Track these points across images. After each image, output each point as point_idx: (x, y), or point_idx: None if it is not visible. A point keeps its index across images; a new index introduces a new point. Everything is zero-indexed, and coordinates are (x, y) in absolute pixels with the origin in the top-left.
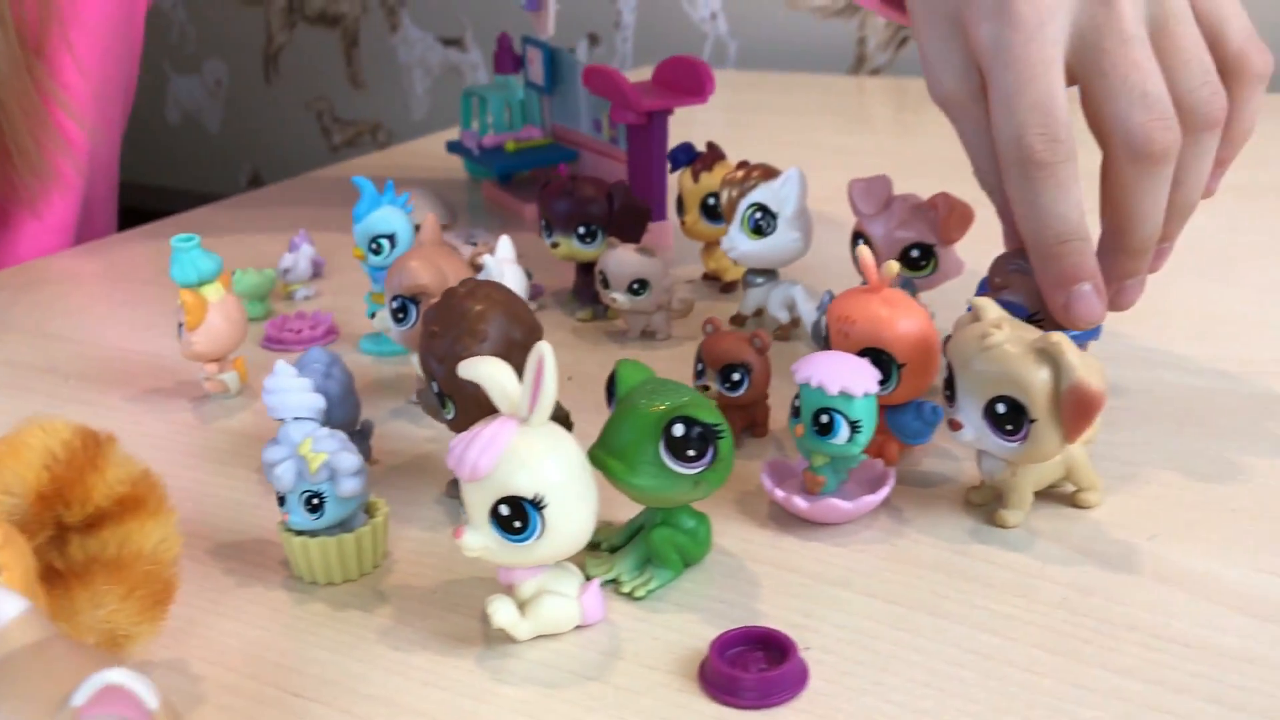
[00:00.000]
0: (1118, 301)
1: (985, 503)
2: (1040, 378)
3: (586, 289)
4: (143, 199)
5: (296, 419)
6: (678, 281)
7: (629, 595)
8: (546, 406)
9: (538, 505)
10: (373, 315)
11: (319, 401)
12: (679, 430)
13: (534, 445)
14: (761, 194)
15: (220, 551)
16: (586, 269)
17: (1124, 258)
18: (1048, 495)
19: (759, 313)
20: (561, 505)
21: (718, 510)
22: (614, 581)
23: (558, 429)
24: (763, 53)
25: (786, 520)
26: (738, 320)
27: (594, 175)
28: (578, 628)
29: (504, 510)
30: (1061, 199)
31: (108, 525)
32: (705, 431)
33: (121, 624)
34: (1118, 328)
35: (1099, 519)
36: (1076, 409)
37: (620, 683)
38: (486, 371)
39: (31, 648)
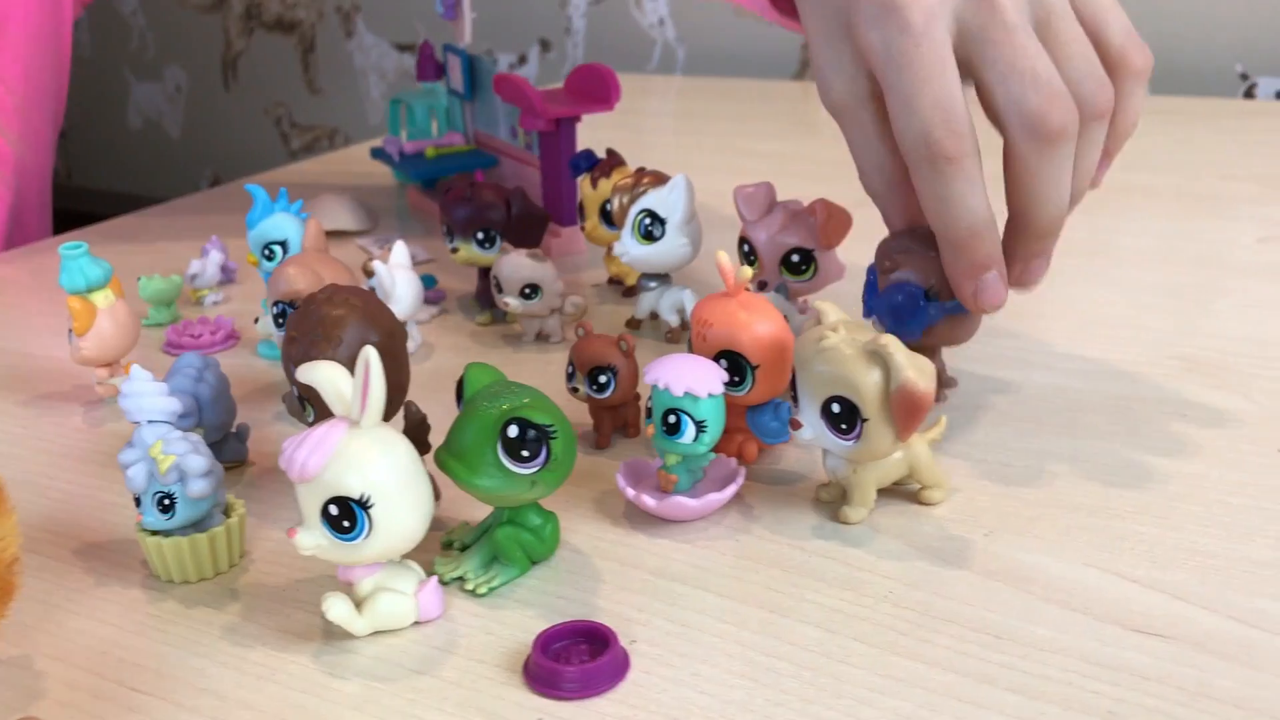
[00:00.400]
0: (1024, 280)
1: (833, 500)
2: (871, 378)
3: (487, 293)
4: (104, 205)
5: (151, 422)
6: (585, 286)
7: (472, 592)
8: (376, 409)
9: (364, 505)
10: (257, 320)
11: (174, 405)
12: (513, 431)
13: (362, 447)
14: (651, 200)
15: (85, 551)
16: (486, 274)
17: (1030, 239)
18: (897, 492)
19: (654, 316)
20: (389, 505)
21: (575, 508)
22: (461, 579)
23: (389, 431)
24: (710, 58)
25: (640, 518)
26: (632, 324)
27: (512, 182)
28: (416, 624)
29: (333, 510)
30: (970, 191)
31: None
32: (539, 433)
33: None
34: (996, 327)
35: (941, 515)
36: (905, 408)
37: (448, 677)
38: (321, 375)
39: None
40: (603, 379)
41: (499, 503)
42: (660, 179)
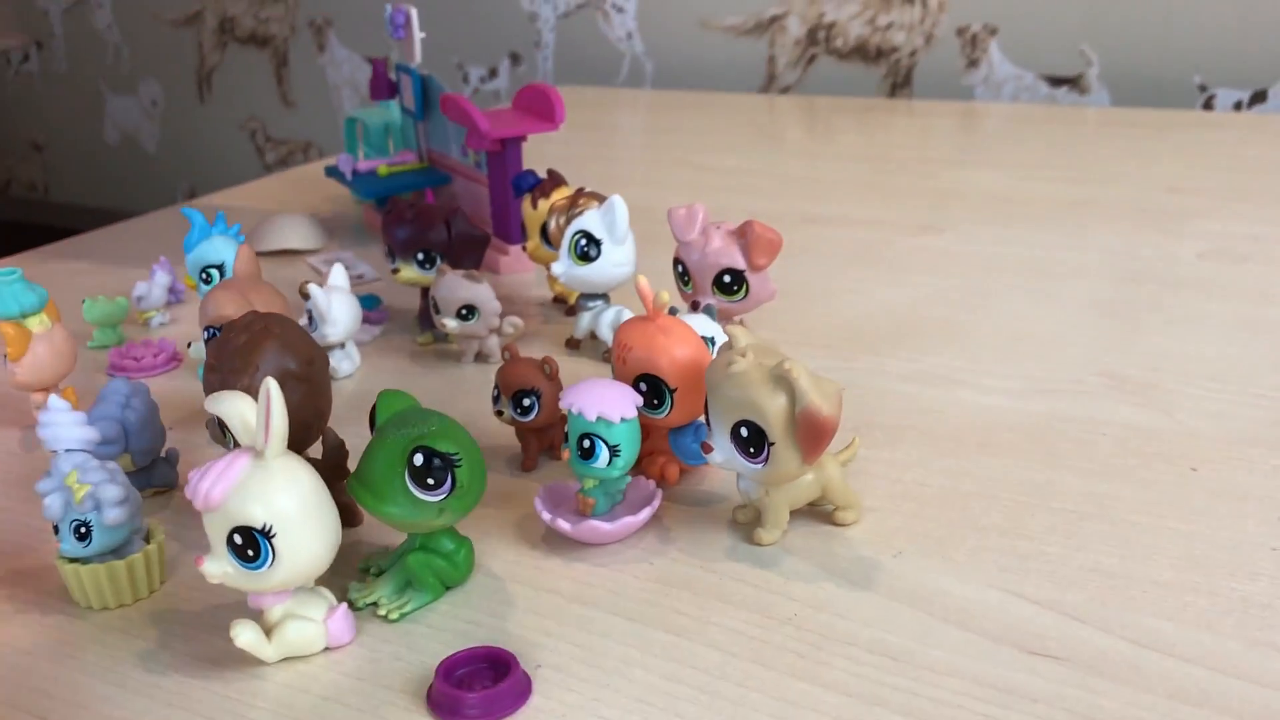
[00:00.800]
0: None
1: (749, 521)
2: (777, 403)
3: (428, 313)
4: (82, 220)
5: (68, 450)
6: (531, 305)
7: (384, 618)
8: (279, 439)
9: (267, 535)
10: (189, 345)
11: (91, 434)
12: (419, 460)
13: (265, 477)
14: (587, 221)
15: (8, 577)
16: (428, 294)
17: None
18: (812, 513)
19: (593, 336)
20: (292, 535)
21: (495, 532)
22: (374, 604)
23: (293, 460)
24: (678, 71)
25: (558, 542)
26: (571, 343)
27: (465, 199)
28: (327, 649)
29: (238, 539)
30: None
31: None
32: (444, 461)
33: None
34: (927, 346)
35: (854, 536)
36: (809, 432)
37: (355, 704)
38: (228, 407)
39: None
40: (526, 402)
41: (410, 529)
42: (597, 199)
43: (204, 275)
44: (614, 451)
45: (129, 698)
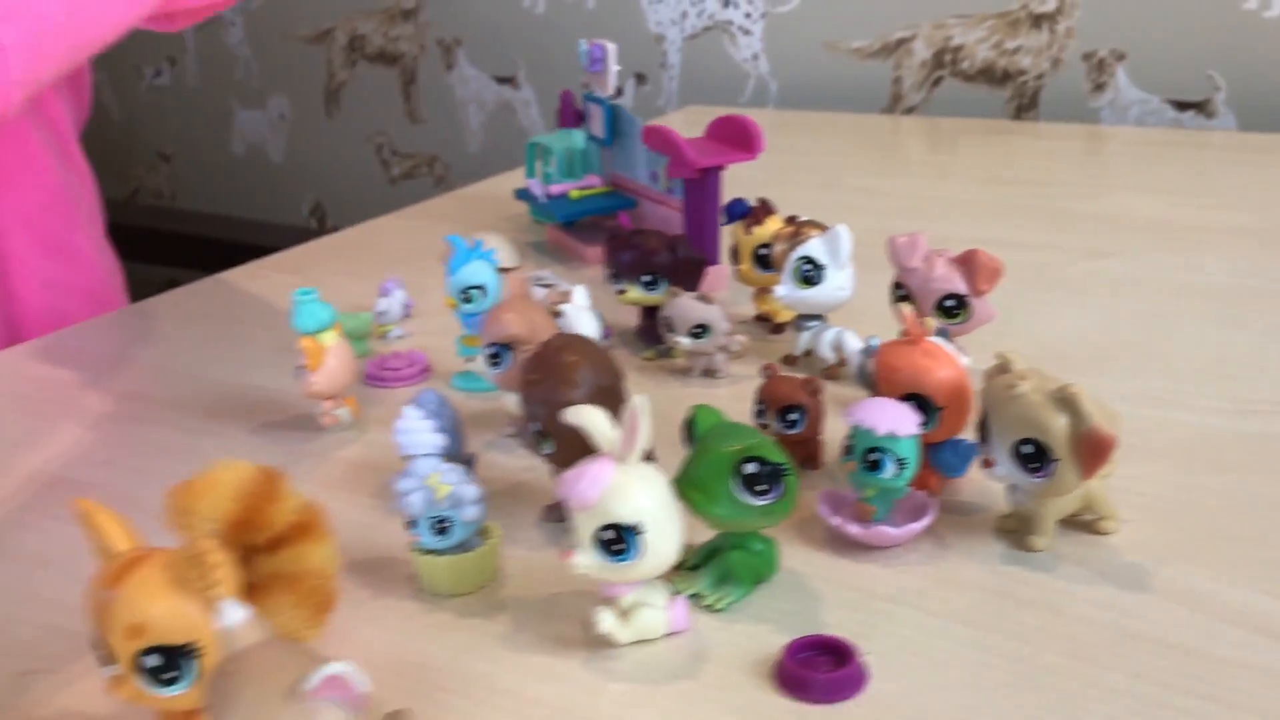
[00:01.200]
0: None
1: (1014, 530)
2: (1060, 423)
3: (650, 330)
4: (207, 227)
5: (425, 455)
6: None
7: (709, 608)
8: (638, 449)
9: (636, 531)
10: (469, 357)
11: (442, 440)
12: (751, 468)
13: (631, 480)
14: (810, 248)
15: (354, 568)
16: (650, 312)
17: None
18: (1071, 523)
19: (808, 353)
20: (656, 531)
21: (781, 534)
22: (696, 596)
23: (649, 466)
24: (802, 92)
25: (841, 544)
26: (789, 360)
27: (651, 221)
28: (668, 635)
29: (607, 535)
30: None
31: (284, 547)
32: (774, 470)
33: (292, 629)
34: (1127, 368)
35: (1116, 544)
36: (1092, 451)
37: (707, 680)
38: (587, 419)
39: (259, 645)
40: (792, 417)
41: (728, 529)
42: (818, 227)
43: (465, 296)
44: (900, 464)
45: (504, 673)
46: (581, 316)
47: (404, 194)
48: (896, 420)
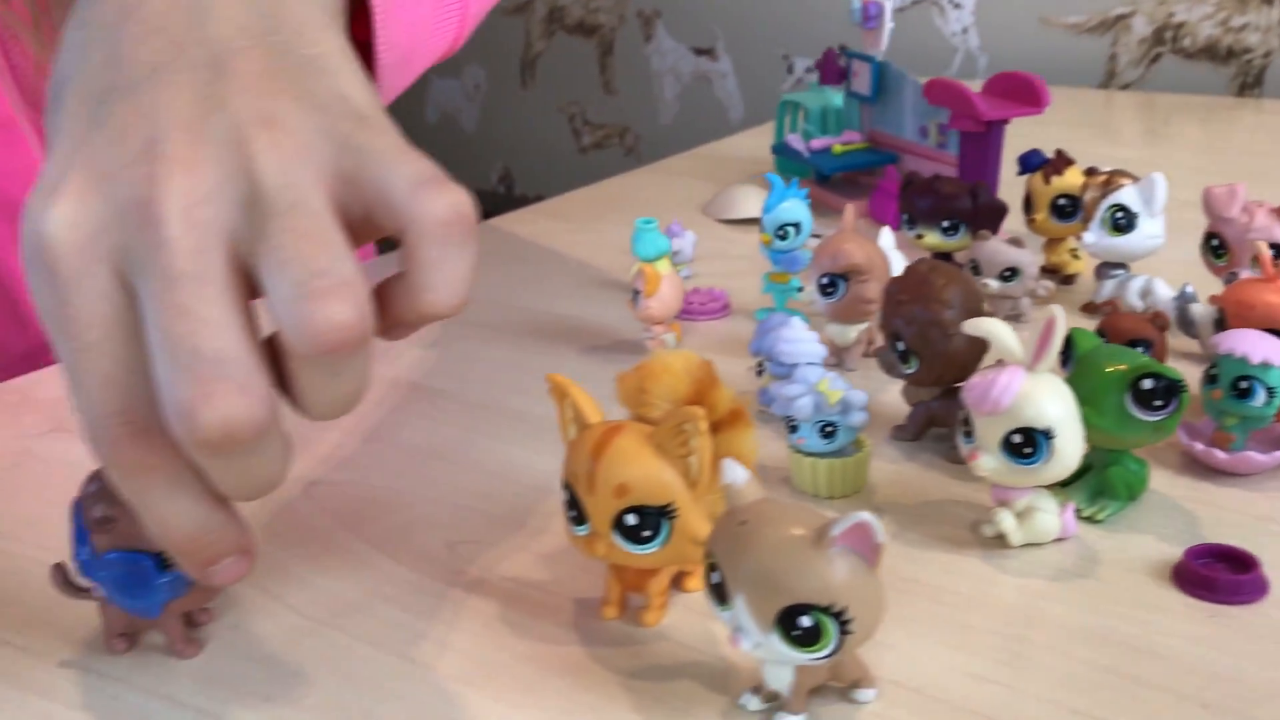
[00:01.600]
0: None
1: None
2: None
3: None
4: None
5: (809, 363)
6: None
7: (1089, 519)
8: (1050, 359)
9: (1048, 436)
10: (799, 289)
11: (823, 350)
12: (1148, 384)
13: (1042, 388)
14: (1123, 195)
15: None
16: (944, 258)
17: None
18: None
19: (1109, 302)
20: (1065, 436)
21: None
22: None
23: (1055, 377)
24: (1011, 66)
25: (1199, 469)
26: (1089, 308)
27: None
28: (1055, 540)
29: (1016, 439)
30: (172, 501)
31: (723, 430)
32: (1170, 385)
33: (720, 509)
34: None
35: None
36: None
37: (1107, 579)
38: (992, 329)
39: (764, 499)
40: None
41: (1109, 444)
42: (1128, 177)
43: (780, 233)
44: (1271, 393)
45: (905, 564)
46: (891, 256)
47: (592, 164)
48: (1270, 349)
